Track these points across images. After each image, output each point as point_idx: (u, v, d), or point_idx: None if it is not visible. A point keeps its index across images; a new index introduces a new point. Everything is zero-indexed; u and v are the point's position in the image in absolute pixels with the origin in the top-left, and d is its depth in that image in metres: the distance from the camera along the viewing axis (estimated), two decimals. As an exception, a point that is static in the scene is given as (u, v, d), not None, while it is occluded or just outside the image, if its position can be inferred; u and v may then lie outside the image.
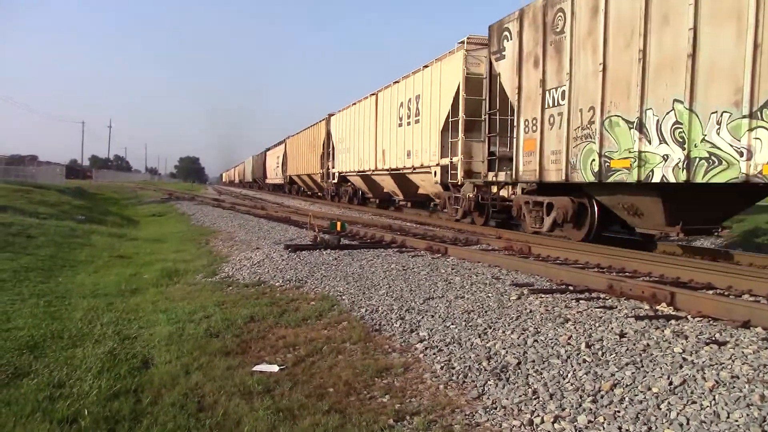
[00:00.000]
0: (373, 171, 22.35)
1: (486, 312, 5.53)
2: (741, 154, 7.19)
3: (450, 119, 15.59)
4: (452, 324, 5.22)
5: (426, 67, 17.52)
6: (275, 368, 4.41)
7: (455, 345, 4.68)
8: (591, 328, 4.83)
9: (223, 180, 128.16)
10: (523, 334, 4.80)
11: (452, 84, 15.48)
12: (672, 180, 8.20)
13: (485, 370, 4.11)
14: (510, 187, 13.51)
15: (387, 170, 20.77)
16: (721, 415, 3.18)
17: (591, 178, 9.71)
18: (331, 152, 29.13)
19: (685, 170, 7.95)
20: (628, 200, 9.66)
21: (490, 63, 13.30)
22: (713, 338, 4.46)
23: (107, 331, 5.52)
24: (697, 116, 7.76)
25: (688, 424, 3.13)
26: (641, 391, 3.55)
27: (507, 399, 3.64)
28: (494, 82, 13.16)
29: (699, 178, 7.78)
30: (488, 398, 3.70)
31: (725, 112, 7.39)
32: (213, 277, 8.13)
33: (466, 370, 4.14)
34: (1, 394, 3.89)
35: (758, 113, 7.01)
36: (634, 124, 8.76)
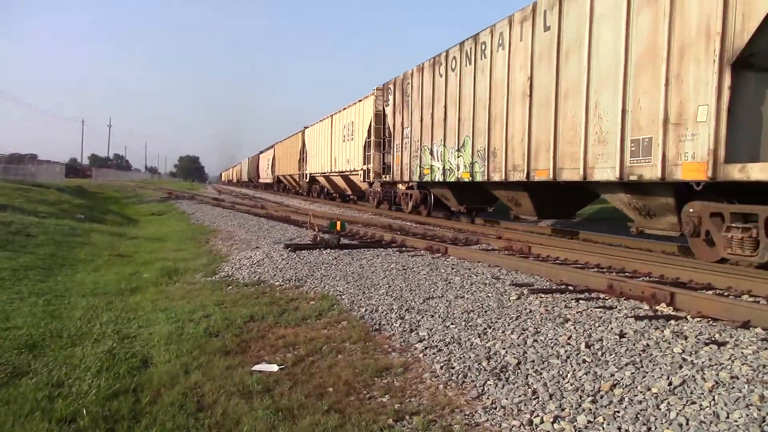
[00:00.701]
0: (331, 173, 28.99)
1: (486, 312, 5.53)
2: (457, 168, 14.49)
3: (366, 139, 22.35)
4: (452, 324, 5.21)
5: (358, 101, 24.25)
6: (275, 368, 4.41)
7: (455, 345, 4.67)
8: (591, 328, 4.83)
9: (223, 179, 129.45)
10: (522, 334, 4.80)
11: (368, 116, 22.14)
12: (439, 179, 15.56)
13: (485, 370, 4.11)
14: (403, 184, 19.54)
15: (338, 172, 27.41)
16: (720, 416, 3.18)
17: (417, 179, 17.33)
18: (305, 157, 35.48)
19: (442, 175, 15.33)
20: (440, 191, 16.86)
21: (382, 106, 20.49)
22: (713, 338, 4.46)
23: (106, 330, 5.51)
24: (446, 149, 15.16)
25: (687, 424, 3.13)
26: (641, 392, 3.55)
27: (506, 399, 3.64)
28: (386, 119, 20.19)
29: (445, 179, 15.21)
30: (488, 398, 3.70)
31: (453, 148, 14.75)
32: (213, 276, 8.13)
33: (466, 370, 4.14)
34: (0, 394, 3.89)
35: (460, 149, 14.34)
36: (430, 151, 16.16)
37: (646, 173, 8.35)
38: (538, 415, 3.38)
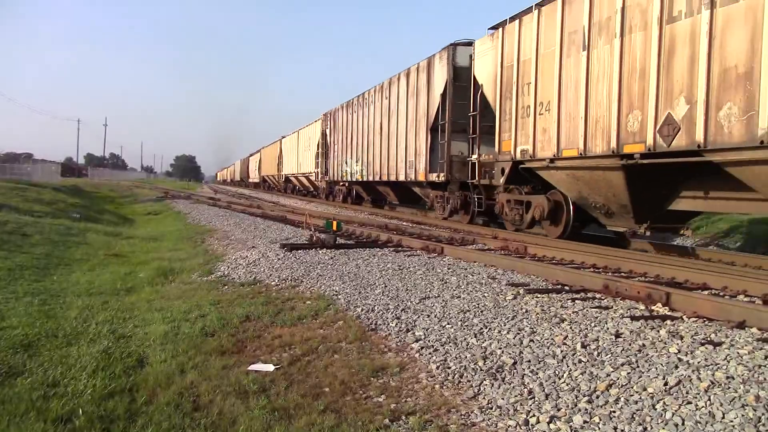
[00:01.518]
0: (298, 174, 37.60)
1: (482, 312, 5.53)
2: (358, 172, 22.88)
3: (317, 150, 30.93)
4: (448, 324, 5.22)
5: (313, 122, 32.97)
6: (271, 368, 4.40)
7: (451, 345, 4.67)
8: (587, 328, 4.84)
9: (218, 179, 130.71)
10: (519, 334, 4.80)
11: (318, 134, 30.93)
12: (351, 180, 24.47)
13: (481, 369, 4.11)
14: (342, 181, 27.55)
15: (302, 174, 36.26)
16: (716, 416, 3.19)
17: (343, 179, 25.75)
18: (281, 161, 44.12)
19: (350, 176, 24.37)
20: (356, 187, 25.14)
21: (324, 128, 29.48)
22: (708, 339, 4.47)
23: (102, 329, 5.50)
24: (352, 160, 23.61)
25: (683, 424, 3.13)
26: (637, 392, 3.55)
27: (503, 399, 3.64)
28: (326, 137, 28.86)
29: (353, 179, 24.11)
30: (484, 398, 3.70)
31: (354, 160, 23.63)
32: (209, 276, 8.12)
33: (462, 370, 4.14)
34: (-5, 393, 3.88)
35: (358, 161, 23.01)
36: (345, 161, 24.91)
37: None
38: (534, 415, 3.39)
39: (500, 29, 12.31)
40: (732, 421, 3.12)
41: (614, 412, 3.34)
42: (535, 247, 9.69)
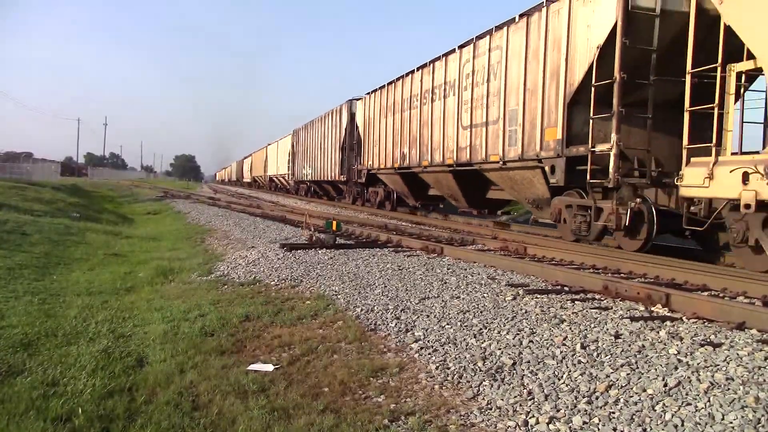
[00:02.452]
0: (278, 175, 46.29)
1: (481, 312, 5.53)
2: (310, 173, 32.79)
3: (289, 157, 39.74)
4: (448, 324, 5.22)
5: (287, 135, 40.74)
6: (270, 367, 4.40)
7: (450, 345, 4.67)
8: (586, 329, 4.84)
9: (217, 179, 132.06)
10: (518, 334, 4.80)
11: (290, 145, 39.13)
12: (307, 179, 34.48)
13: (480, 370, 4.11)
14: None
15: (280, 175, 44.60)
16: (716, 417, 3.19)
17: (305, 179, 34.86)
18: (267, 164, 52.21)
19: (305, 176, 34.13)
20: (314, 185, 34.55)
21: (292, 141, 37.97)
22: (708, 340, 4.47)
23: (102, 329, 5.50)
24: (306, 164, 33.95)
25: (682, 425, 3.13)
26: (636, 393, 3.55)
27: (502, 399, 3.64)
28: (294, 147, 37.53)
29: (308, 179, 33.64)
30: (483, 399, 3.70)
31: (308, 164, 33.50)
32: (208, 275, 8.11)
33: (462, 371, 4.14)
34: (-5, 392, 3.88)
35: (310, 165, 32.98)
36: (303, 166, 34.85)
37: None
38: (533, 416, 3.39)
39: (365, 97, 23.05)
40: (731, 423, 3.12)
41: (614, 413, 3.34)
42: (534, 247, 9.69)
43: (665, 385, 3.61)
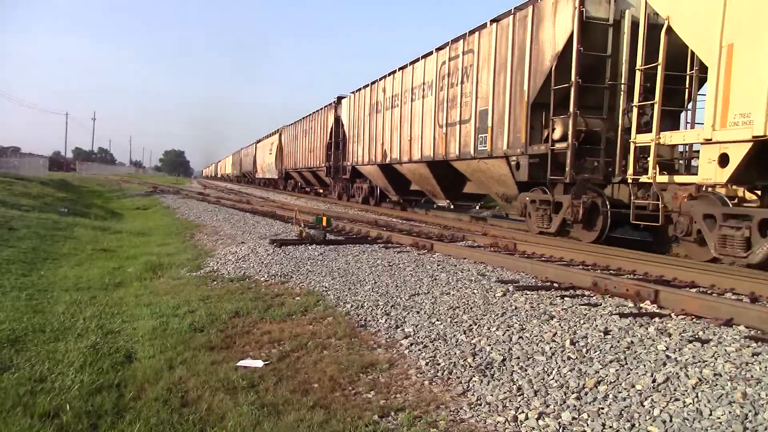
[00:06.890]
0: (266, 171, 47.92)
1: (471, 308, 5.54)
2: (296, 171, 36.59)
3: (276, 153, 41.55)
4: (438, 320, 5.22)
5: (273, 134, 44.58)
6: (260, 363, 4.39)
7: (440, 341, 4.68)
8: (576, 325, 4.86)
9: (204, 174, 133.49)
10: (508, 330, 4.81)
11: (277, 141, 41.45)
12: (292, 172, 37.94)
13: (470, 366, 4.12)
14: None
15: (269, 171, 46.06)
16: (703, 413, 3.21)
17: (291, 171, 38.58)
18: (256, 159, 54.72)
19: (292, 169, 37.70)
20: (299, 179, 37.27)
21: (279, 141, 40.80)
22: (696, 336, 4.50)
23: (90, 325, 5.46)
24: (291, 159, 37.52)
25: (671, 421, 3.15)
26: (625, 388, 3.57)
27: (492, 395, 3.65)
28: (281, 144, 40.36)
29: (301, 168, 35.29)
30: (473, 394, 3.71)
31: (295, 160, 36.20)
32: (198, 271, 8.07)
33: (451, 367, 4.14)
34: (-19, 389, 3.84)
35: (295, 161, 36.50)
36: (289, 160, 38.13)
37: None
38: (523, 412, 3.40)
39: (350, 95, 24.02)
40: (719, 418, 3.14)
41: (603, 408, 3.35)
42: (524, 244, 9.72)
43: (654, 381, 3.63)
